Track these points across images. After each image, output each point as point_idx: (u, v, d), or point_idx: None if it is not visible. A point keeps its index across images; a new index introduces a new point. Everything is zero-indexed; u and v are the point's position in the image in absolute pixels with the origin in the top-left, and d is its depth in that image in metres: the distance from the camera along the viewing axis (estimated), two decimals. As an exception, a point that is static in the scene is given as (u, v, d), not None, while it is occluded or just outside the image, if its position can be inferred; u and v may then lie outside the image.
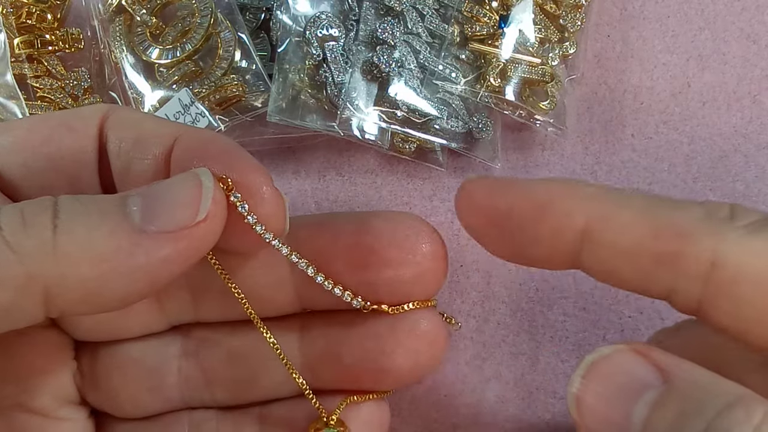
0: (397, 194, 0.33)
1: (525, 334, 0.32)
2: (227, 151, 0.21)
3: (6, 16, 0.33)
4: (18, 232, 0.17)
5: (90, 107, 0.23)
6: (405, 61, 0.32)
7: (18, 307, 0.17)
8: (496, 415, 0.31)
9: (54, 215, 0.18)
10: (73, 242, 0.17)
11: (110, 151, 0.21)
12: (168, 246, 0.18)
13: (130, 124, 0.22)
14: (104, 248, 0.18)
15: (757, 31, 0.35)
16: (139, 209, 0.18)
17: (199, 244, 0.19)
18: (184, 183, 0.19)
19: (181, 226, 0.18)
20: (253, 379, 0.25)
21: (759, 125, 0.34)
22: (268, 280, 0.24)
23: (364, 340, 0.24)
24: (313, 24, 0.32)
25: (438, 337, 0.24)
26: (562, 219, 0.20)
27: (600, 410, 0.19)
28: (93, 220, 0.18)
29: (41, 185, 0.21)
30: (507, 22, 0.33)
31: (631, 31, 0.35)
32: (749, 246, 0.18)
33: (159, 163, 0.21)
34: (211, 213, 0.19)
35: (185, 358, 0.25)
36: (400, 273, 0.23)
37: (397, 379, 0.24)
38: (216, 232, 0.19)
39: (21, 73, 0.32)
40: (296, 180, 0.33)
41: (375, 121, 0.32)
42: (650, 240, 0.19)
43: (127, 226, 0.18)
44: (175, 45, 0.32)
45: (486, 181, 0.22)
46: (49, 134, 0.21)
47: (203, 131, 0.22)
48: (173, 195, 0.19)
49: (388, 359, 0.24)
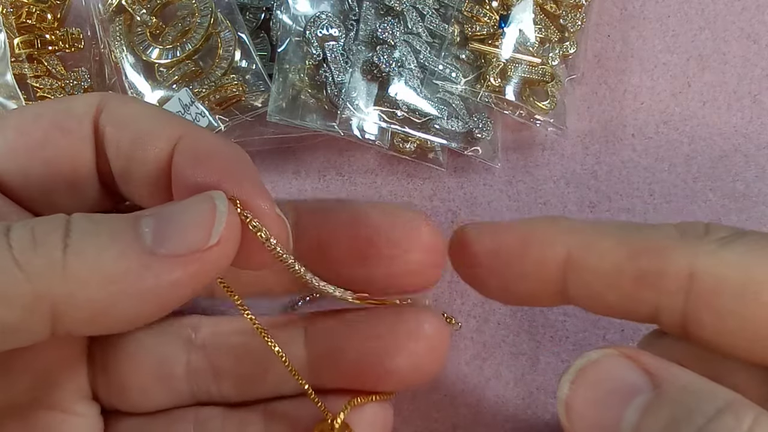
0: (397, 194, 0.33)
1: (525, 334, 0.32)
2: (233, 169, 0.20)
3: (6, 16, 0.33)
4: (28, 251, 0.17)
5: (81, 100, 0.22)
6: (405, 61, 0.32)
7: (25, 326, 0.17)
8: (496, 415, 0.31)
9: (65, 234, 0.17)
10: (82, 263, 0.17)
11: (109, 152, 0.21)
12: (178, 269, 0.18)
13: (125, 121, 0.21)
14: (113, 270, 0.17)
15: (757, 30, 0.35)
16: (151, 231, 0.18)
17: (210, 268, 0.19)
18: (198, 206, 0.19)
19: (192, 249, 0.18)
20: (259, 374, 0.25)
21: (759, 125, 0.34)
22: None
23: (366, 341, 0.24)
24: (313, 24, 0.32)
25: (440, 341, 0.24)
26: (545, 250, 0.21)
27: (589, 416, 0.19)
28: (103, 241, 0.18)
29: (40, 189, 0.21)
30: (507, 22, 0.33)
31: (631, 31, 0.35)
32: (723, 258, 0.19)
33: (160, 167, 0.20)
34: (223, 237, 0.18)
35: (194, 351, 0.25)
36: (397, 267, 0.23)
37: (399, 381, 0.24)
38: (228, 256, 0.19)
39: (21, 73, 0.32)
40: (296, 180, 0.33)
41: (375, 121, 0.32)
42: (629, 261, 0.20)
43: (137, 247, 0.18)
44: (175, 45, 0.32)
45: (476, 227, 0.23)
46: (43, 138, 0.21)
47: (204, 135, 0.21)
48: (186, 218, 0.18)
49: (389, 361, 0.24)
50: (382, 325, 0.24)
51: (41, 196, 0.21)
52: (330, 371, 0.24)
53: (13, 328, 0.17)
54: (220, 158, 0.20)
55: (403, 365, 0.24)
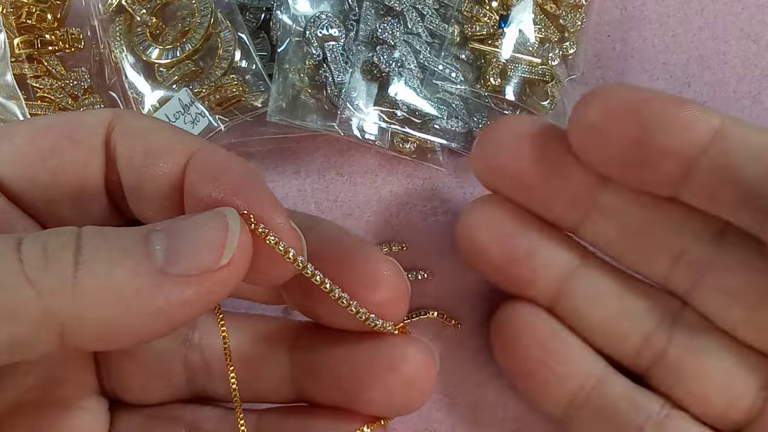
0: (397, 194, 0.33)
1: (525, 334, 0.31)
2: (246, 185, 0.20)
3: (6, 16, 0.33)
4: (39, 267, 0.17)
5: (94, 114, 0.22)
6: (405, 61, 0.32)
7: (34, 341, 0.17)
8: (496, 415, 0.31)
9: (77, 250, 0.17)
10: (93, 281, 0.17)
11: (120, 165, 0.21)
12: (189, 289, 0.18)
13: (138, 135, 0.21)
14: (124, 288, 0.17)
15: (757, 31, 0.35)
16: (163, 249, 0.18)
17: (220, 288, 0.18)
18: (210, 224, 0.18)
19: (204, 269, 0.18)
20: (248, 380, 0.25)
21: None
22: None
23: (341, 365, 0.23)
24: (313, 24, 0.32)
25: (422, 377, 0.23)
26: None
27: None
28: (115, 258, 0.17)
29: (46, 199, 0.21)
30: (507, 22, 0.33)
31: (631, 31, 0.36)
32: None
33: (172, 183, 0.20)
34: (235, 257, 0.18)
35: (191, 350, 0.25)
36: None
37: (373, 411, 0.23)
38: (239, 275, 0.19)
39: (21, 73, 0.32)
40: (296, 180, 0.33)
41: (375, 121, 0.32)
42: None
43: (149, 266, 0.17)
44: (175, 45, 0.32)
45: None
46: (51, 146, 0.21)
47: (217, 151, 0.21)
48: (198, 236, 0.18)
49: (361, 390, 0.23)
50: (360, 351, 0.23)
51: (46, 206, 0.21)
52: (311, 388, 0.24)
53: (21, 343, 0.17)
54: (234, 174, 0.20)
55: (376, 397, 0.23)
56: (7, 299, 0.17)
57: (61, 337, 0.17)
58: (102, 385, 0.25)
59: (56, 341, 0.17)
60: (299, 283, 0.21)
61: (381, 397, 0.23)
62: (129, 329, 0.18)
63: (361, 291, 0.22)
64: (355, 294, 0.21)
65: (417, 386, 0.23)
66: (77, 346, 0.18)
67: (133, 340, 0.18)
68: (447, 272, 0.32)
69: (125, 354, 0.24)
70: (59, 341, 0.17)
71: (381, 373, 0.22)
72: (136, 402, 0.25)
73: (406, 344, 0.23)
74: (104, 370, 0.25)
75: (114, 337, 0.18)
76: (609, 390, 0.27)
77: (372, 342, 0.23)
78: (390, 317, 0.22)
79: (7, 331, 0.17)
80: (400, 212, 0.33)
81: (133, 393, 0.25)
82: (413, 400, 0.23)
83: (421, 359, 0.23)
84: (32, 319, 0.17)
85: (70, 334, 0.17)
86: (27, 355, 0.18)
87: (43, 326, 0.17)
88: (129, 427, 0.25)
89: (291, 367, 0.24)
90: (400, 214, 0.33)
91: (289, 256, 0.20)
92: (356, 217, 0.33)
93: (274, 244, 0.19)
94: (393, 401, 0.23)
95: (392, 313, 0.23)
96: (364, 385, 0.23)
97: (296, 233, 0.20)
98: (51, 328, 0.17)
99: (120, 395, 0.25)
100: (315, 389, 0.24)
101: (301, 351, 0.24)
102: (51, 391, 0.23)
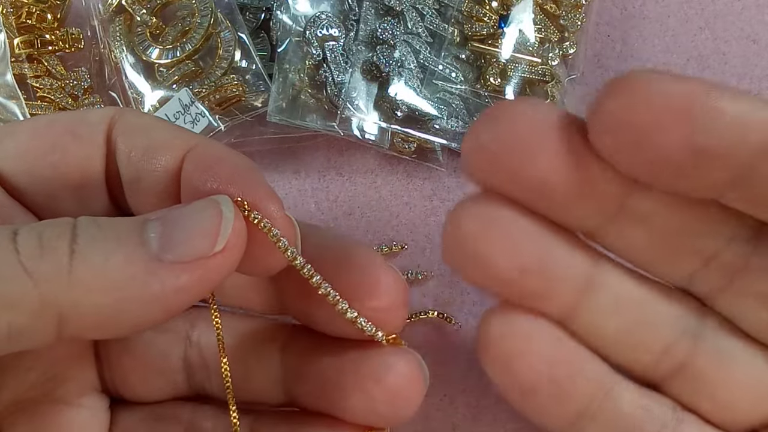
0: (397, 194, 0.33)
1: (525, 334, 0.31)
2: (241, 174, 0.20)
3: (6, 16, 0.33)
4: (35, 256, 0.17)
5: (96, 112, 0.22)
6: (405, 61, 0.32)
7: (31, 331, 0.17)
8: (496, 415, 0.31)
9: (72, 240, 0.17)
10: (88, 269, 0.17)
11: (120, 160, 0.21)
12: (184, 276, 0.18)
13: (139, 131, 0.21)
14: (119, 276, 0.17)
15: (757, 31, 0.35)
16: (158, 237, 0.18)
17: (215, 274, 0.19)
18: (204, 212, 0.19)
19: (198, 256, 0.18)
20: (241, 377, 0.25)
21: (759, 125, 0.34)
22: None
23: (327, 370, 0.23)
24: (313, 24, 0.32)
25: (407, 389, 0.22)
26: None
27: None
28: (110, 247, 0.18)
29: (47, 193, 0.21)
30: (507, 21, 0.33)
31: (631, 31, 0.35)
32: None
33: (170, 176, 0.20)
34: (229, 243, 0.18)
35: (190, 347, 0.25)
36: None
37: (355, 419, 0.23)
38: (233, 263, 0.19)
39: (21, 73, 0.32)
40: (296, 180, 0.33)
41: (375, 121, 0.32)
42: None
43: (143, 254, 0.18)
44: (175, 45, 0.32)
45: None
46: (53, 141, 0.21)
47: (215, 145, 0.21)
48: (192, 224, 0.18)
49: (343, 397, 0.22)
50: (348, 358, 0.23)
51: (47, 200, 0.21)
52: (299, 391, 0.24)
53: (20, 332, 0.17)
54: (229, 163, 0.20)
55: (358, 406, 0.22)
56: (4, 289, 0.17)
57: (59, 326, 0.17)
58: (103, 383, 0.25)
59: (54, 330, 0.17)
60: (295, 283, 0.21)
61: (363, 406, 0.22)
62: (126, 316, 0.18)
63: (361, 297, 0.21)
64: (355, 300, 0.21)
65: (401, 398, 0.22)
66: (75, 335, 0.18)
67: (131, 327, 0.19)
68: (447, 272, 0.32)
69: (125, 349, 0.24)
70: (57, 330, 0.17)
71: (364, 381, 0.22)
72: (137, 399, 0.25)
73: (394, 355, 0.22)
74: (105, 365, 0.25)
75: (111, 324, 0.18)
76: (619, 399, 0.24)
77: (360, 350, 0.23)
78: (389, 324, 0.22)
79: (5, 321, 0.17)
80: (400, 212, 0.33)
81: (133, 389, 0.25)
82: (397, 411, 0.22)
83: (408, 371, 0.22)
84: (30, 308, 0.17)
85: (67, 322, 0.17)
86: (26, 345, 0.18)
87: (40, 315, 0.17)
88: (129, 424, 0.25)
89: (282, 368, 0.24)
90: (400, 214, 0.33)
91: (280, 245, 0.20)
92: (356, 217, 0.33)
93: (266, 231, 0.19)
94: (376, 411, 0.22)
95: (391, 320, 0.22)
96: (347, 393, 0.22)
97: (290, 221, 0.20)
98: (48, 317, 0.17)
99: (120, 392, 0.25)
100: (302, 393, 0.24)
101: (291, 353, 0.24)
102: (52, 389, 0.23)
